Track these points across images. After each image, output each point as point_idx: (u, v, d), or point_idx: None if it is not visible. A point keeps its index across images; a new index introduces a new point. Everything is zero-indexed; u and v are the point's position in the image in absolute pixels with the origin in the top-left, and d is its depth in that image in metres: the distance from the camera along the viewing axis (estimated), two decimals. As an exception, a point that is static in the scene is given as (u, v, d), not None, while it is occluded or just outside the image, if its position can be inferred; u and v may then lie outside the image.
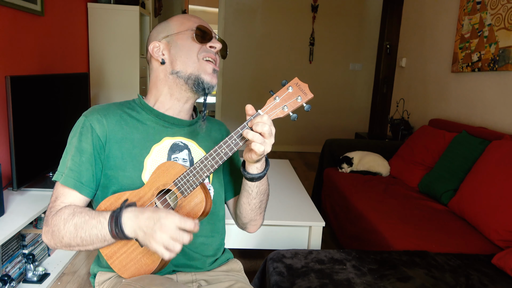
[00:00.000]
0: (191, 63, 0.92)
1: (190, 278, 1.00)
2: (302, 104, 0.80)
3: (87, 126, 0.91)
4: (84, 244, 0.83)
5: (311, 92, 0.80)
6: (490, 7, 2.37)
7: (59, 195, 0.89)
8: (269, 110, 0.81)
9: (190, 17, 0.97)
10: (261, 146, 0.79)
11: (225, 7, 5.09)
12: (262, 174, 0.90)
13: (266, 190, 0.99)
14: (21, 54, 2.17)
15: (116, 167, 0.91)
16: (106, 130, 0.91)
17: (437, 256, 1.42)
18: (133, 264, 0.89)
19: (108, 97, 3.23)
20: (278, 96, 0.81)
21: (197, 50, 0.93)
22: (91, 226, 0.81)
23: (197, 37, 0.93)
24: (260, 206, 1.00)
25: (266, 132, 0.78)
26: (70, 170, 0.89)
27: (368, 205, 2.02)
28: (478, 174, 1.87)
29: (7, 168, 1.96)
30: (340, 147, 2.88)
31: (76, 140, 0.91)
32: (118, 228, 0.79)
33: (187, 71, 0.92)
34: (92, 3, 3.11)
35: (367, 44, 5.23)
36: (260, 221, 1.06)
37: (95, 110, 0.94)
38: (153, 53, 0.96)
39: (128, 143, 0.93)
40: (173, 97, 0.96)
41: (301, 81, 0.81)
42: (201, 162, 0.83)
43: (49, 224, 0.85)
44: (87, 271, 1.99)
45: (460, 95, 2.71)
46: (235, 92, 5.31)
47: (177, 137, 0.98)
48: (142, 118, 0.96)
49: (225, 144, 0.82)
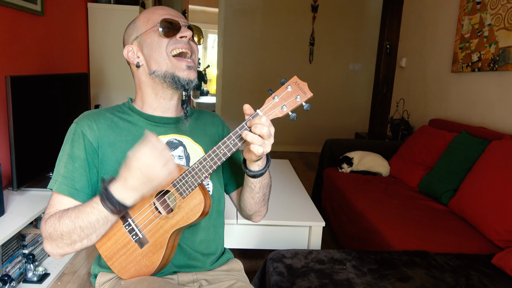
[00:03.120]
0: (163, 60, 0.91)
1: (191, 278, 1.00)
2: (301, 104, 0.79)
3: (78, 132, 0.90)
4: (86, 233, 0.81)
5: (310, 91, 0.79)
6: (490, 7, 2.37)
7: (54, 202, 0.88)
8: (268, 110, 0.80)
9: (155, 10, 0.94)
10: (260, 148, 0.78)
11: (225, 7, 5.08)
12: (263, 170, 0.89)
13: (268, 183, 0.98)
14: (21, 54, 2.17)
15: (111, 171, 0.90)
16: (97, 135, 0.91)
17: (437, 256, 1.42)
18: (132, 266, 0.88)
19: (108, 97, 3.23)
20: (277, 95, 0.80)
21: (166, 45, 0.90)
22: (86, 213, 0.80)
23: (164, 32, 0.90)
24: (263, 199, 1.00)
25: (265, 134, 0.77)
26: (64, 178, 0.88)
27: (368, 205, 2.02)
28: (478, 174, 1.87)
29: (7, 168, 1.96)
30: (340, 147, 2.88)
31: (68, 147, 0.90)
32: (118, 205, 0.78)
33: (162, 69, 0.91)
34: (92, 3, 3.11)
35: (367, 44, 5.23)
36: (264, 211, 1.06)
37: (85, 116, 0.93)
38: (128, 58, 0.95)
39: (122, 145, 0.92)
40: (158, 96, 0.96)
41: (301, 80, 0.80)
42: (200, 163, 0.83)
43: (45, 229, 0.83)
44: (87, 271, 1.98)
45: (460, 95, 2.71)
46: (235, 92, 5.31)
47: (170, 135, 0.97)
48: (133, 119, 0.96)
49: (223, 145, 0.81)
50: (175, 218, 0.85)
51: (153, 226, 0.87)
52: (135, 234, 0.87)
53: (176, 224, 0.85)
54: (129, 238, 0.87)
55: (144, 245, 0.87)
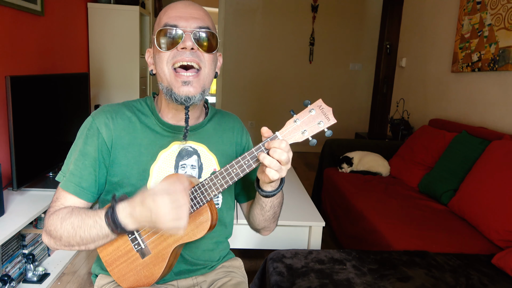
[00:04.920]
0: (163, 74, 0.84)
1: (191, 282, 0.99)
2: (323, 130, 0.75)
3: (94, 128, 0.87)
4: (85, 243, 0.81)
5: (334, 118, 0.75)
6: (490, 7, 2.37)
7: (60, 197, 0.87)
8: (288, 134, 0.75)
9: (167, 10, 0.86)
10: (276, 173, 0.74)
11: (225, 7, 5.08)
12: (277, 191, 0.86)
13: (280, 202, 0.95)
14: (21, 54, 2.17)
15: (121, 174, 0.88)
16: (113, 135, 0.87)
17: (437, 256, 1.42)
18: (132, 275, 0.87)
19: (108, 97, 3.23)
20: (299, 118, 0.75)
21: (166, 58, 0.83)
22: (89, 226, 0.79)
23: (163, 43, 0.82)
24: (273, 217, 0.97)
25: (283, 160, 0.74)
26: (72, 175, 0.86)
27: (368, 205, 2.02)
28: (478, 174, 1.87)
29: (7, 168, 1.96)
30: (340, 147, 2.88)
31: (81, 142, 0.87)
32: (120, 228, 0.78)
33: (164, 84, 0.85)
34: (92, 3, 3.11)
35: (367, 44, 5.23)
36: (274, 227, 1.03)
37: (104, 112, 0.89)
38: (148, 62, 0.91)
39: (135, 149, 0.89)
40: (170, 106, 0.90)
41: (325, 103, 0.76)
42: (210, 180, 0.79)
43: (47, 224, 0.83)
44: (87, 271, 1.98)
45: (460, 95, 2.71)
46: (235, 92, 5.31)
47: (187, 142, 0.93)
48: (151, 123, 0.92)
49: (237, 164, 0.77)
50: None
51: (156, 238, 0.85)
52: (138, 243, 0.86)
53: (180, 239, 0.84)
54: (131, 247, 0.86)
55: (146, 256, 0.86)
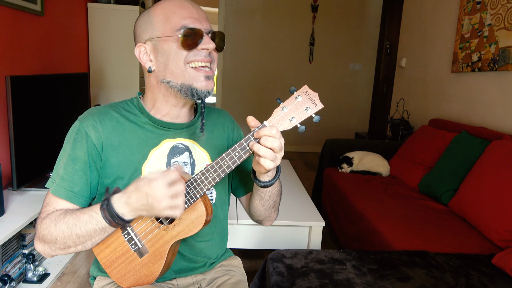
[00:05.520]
0: (180, 72, 0.83)
1: (190, 281, 1.00)
2: (311, 115, 0.75)
3: (82, 132, 0.86)
4: (82, 241, 0.79)
5: (321, 103, 0.75)
6: (490, 7, 2.37)
7: (51, 202, 0.85)
8: (276, 122, 0.75)
9: (175, 9, 0.84)
10: (272, 163, 0.74)
11: (225, 7, 5.08)
12: (274, 181, 0.86)
13: (279, 191, 0.96)
14: (21, 54, 2.17)
15: (113, 175, 0.87)
16: (102, 137, 0.86)
17: (437, 256, 1.42)
18: (132, 275, 0.87)
19: (108, 97, 3.23)
20: (286, 106, 0.75)
21: (185, 56, 0.83)
22: (84, 222, 0.78)
23: (185, 44, 0.81)
24: (274, 206, 0.98)
25: (276, 147, 0.73)
26: (62, 180, 0.85)
27: (368, 205, 2.02)
28: (478, 174, 1.87)
29: (7, 168, 1.96)
30: (340, 147, 2.88)
31: (69, 147, 0.86)
32: (117, 218, 0.76)
33: (178, 81, 0.84)
34: (92, 3, 3.11)
35: (367, 44, 5.23)
36: (275, 216, 1.04)
37: (91, 115, 0.88)
38: (140, 59, 0.87)
39: (126, 149, 0.88)
40: (169, 103, 0.89)
41: (310, 89, 0.75)
42: (202, 174, 0.79)
43: (39, 229, 0.81)
44: (87, 271, 1.98)
45: (460, 95, 2.71)
46: (235, 92, 5.31)
47: (177, 139, 0.93)
48: (140, 121, 0.91)
49: (227, 157, 0.77)
50: (175, 229, 0.83)
51: (153, 236, 0.85)
52: (134, 243, 0.85)
53: (177, 236, 0.84)
54: (128, 247, 0.86)
55: (144, 255, 0.86)
